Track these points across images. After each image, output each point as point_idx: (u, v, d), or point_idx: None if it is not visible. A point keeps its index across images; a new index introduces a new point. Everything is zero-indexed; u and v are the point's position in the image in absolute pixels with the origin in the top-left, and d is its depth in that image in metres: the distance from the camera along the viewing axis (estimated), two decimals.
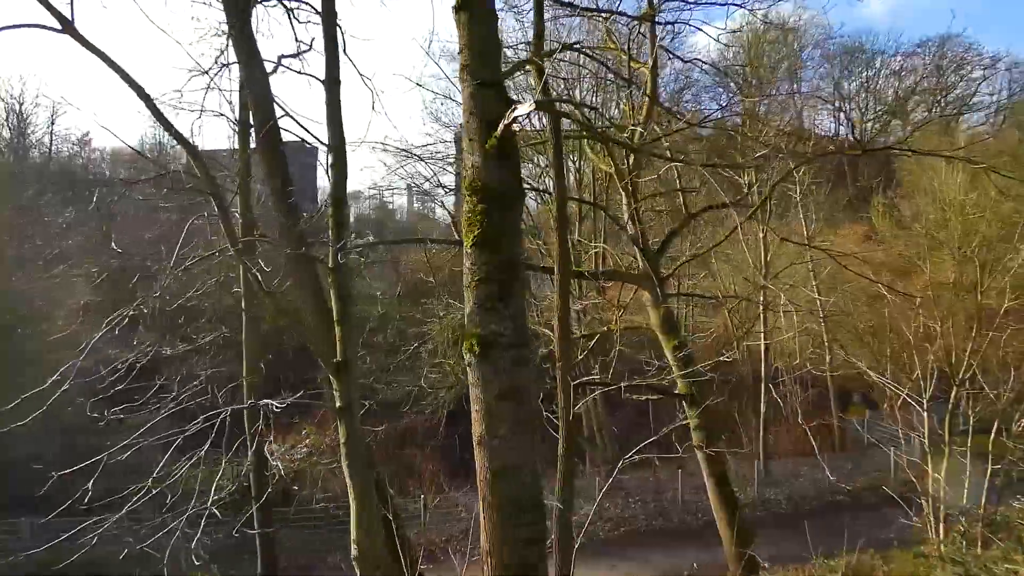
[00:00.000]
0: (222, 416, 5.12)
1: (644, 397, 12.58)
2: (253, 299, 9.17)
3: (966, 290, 26.71)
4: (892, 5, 78.62)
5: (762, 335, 19.35)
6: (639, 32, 11.23)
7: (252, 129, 8.25)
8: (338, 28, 5.58)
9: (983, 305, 20.82)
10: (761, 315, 19.22)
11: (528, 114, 3.40)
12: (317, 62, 9.34)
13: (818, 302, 21.78)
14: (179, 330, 15.04)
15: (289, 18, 7.74)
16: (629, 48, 10.20)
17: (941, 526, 9.57)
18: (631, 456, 6.28)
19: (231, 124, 7.14)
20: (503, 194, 3.53)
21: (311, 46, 6.86)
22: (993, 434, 10.35)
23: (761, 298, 18.82)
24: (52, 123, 35.10)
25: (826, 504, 17.44)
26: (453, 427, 19.01)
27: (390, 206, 43.83)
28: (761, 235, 19.39)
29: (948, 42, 55.89)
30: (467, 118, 3.68)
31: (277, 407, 4.72)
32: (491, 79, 3.58)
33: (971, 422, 10.92)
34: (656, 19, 10.50)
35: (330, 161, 5.28)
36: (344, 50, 6.31)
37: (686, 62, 11.61)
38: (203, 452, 5.77)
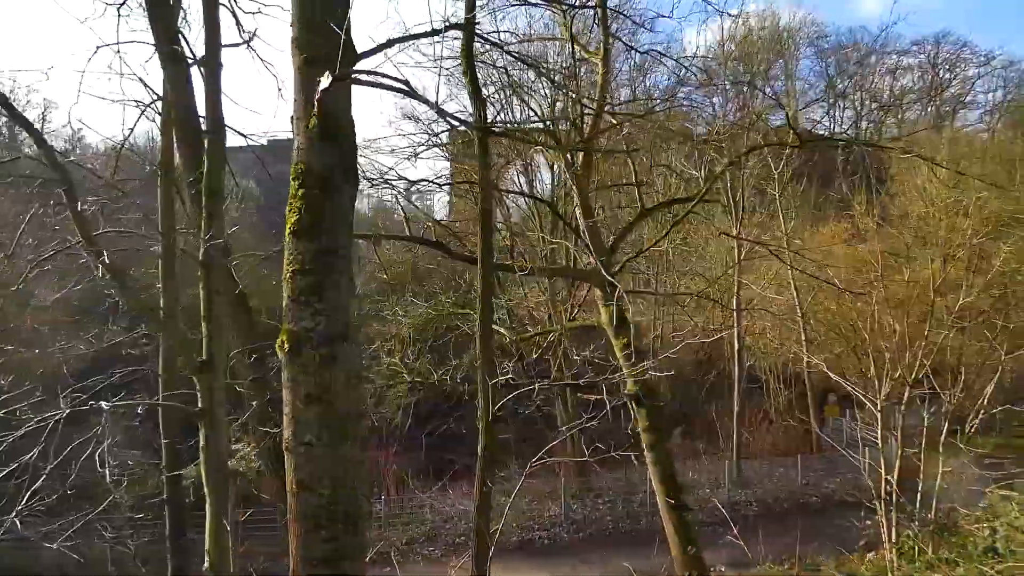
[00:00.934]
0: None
1: (598, 397, 12.22)
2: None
3: (950, 289, 26.54)
4: (888, 4, 78.22)
5: (735, 335, 19.04)
6: (595, 21, 10.94)
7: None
8: (221, 8, 5.32)
9: (948, 304, 20.61)
10: (735, 314, 18.91)
11: (331, 87, 3.09)
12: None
13: (796, 300, 21.51)
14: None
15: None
16: (571, 35, 9.87)
17: (894, 530, 9.29)
18: (537, 460, 5.99)
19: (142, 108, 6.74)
20: (327, 179, 3.26)
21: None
22: (943, 435, 10.09)
23: (735, 298, 18.54)
24: None
25: (798, 506, 17.18)
26: (420, 427, 18.76)
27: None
28: (735, 233, 19.07)
29: (943, 40, 55.68)
30: (296, 96, 3.42)
31: (105, 407, 4.46)
32: (317, 55, 3.31)
33: (944, 423, 10.62)
34: (607, 6, 10.23)
35: (206, 148, 5.02)
36: (248, 38, 6.06)
37: (642, 52, 11.31)
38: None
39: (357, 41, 3.51)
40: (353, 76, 3.18)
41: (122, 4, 6.14)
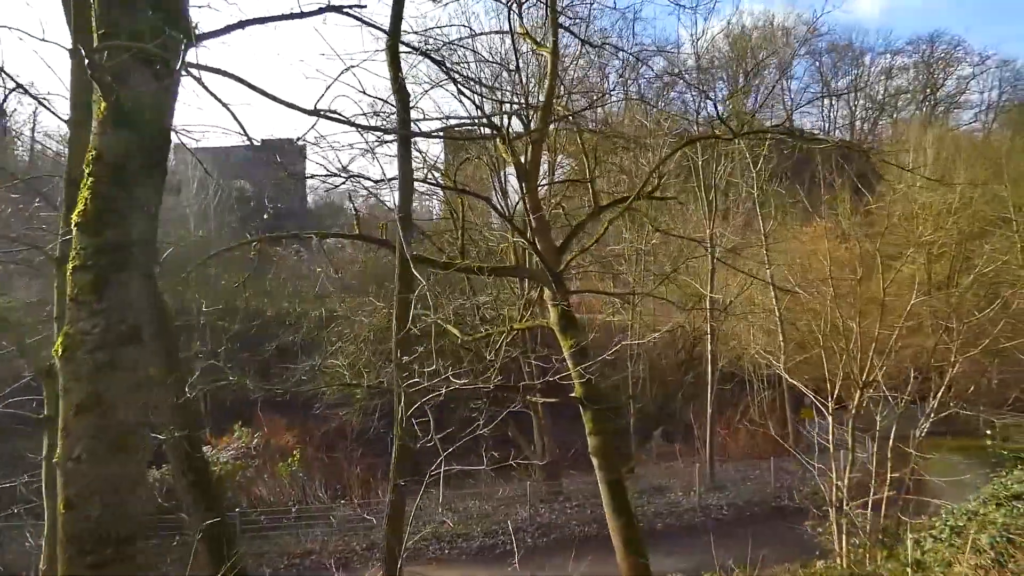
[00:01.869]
0: None
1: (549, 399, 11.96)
2: None
3: (936, 288, 26.23)
4: (884, 4, 77.97)
5: (708, 336, 18.75)
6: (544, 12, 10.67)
7: None
8: None
9: (933, 305, 20.27)
10: (708, 316, 18.62)
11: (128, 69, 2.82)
12: None
13: (774, 301, 21.22)
14: None
15: None
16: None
17: (844, 536, 9.03)
18: (435, 470, 5.71)
19: None
20: (120, 168, 2.98)
21: None
22: (891, 440, 9.82)
23: (710, 299, 18.23)
24: None
25: (770, 510, 16.88)
26: (389, 428, 18.43)
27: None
28: (709, 231, 18.78)
29: (937, 40, 55.42)
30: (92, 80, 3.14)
31: None
32: (107, 32, 3.03)
33: (893, 425, 10.35)
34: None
35: (68, 137, 4.74)
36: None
37: (594, 46, 10.99)
38: None
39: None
40: (184, 65, 2.91)
41: None
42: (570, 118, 11.05)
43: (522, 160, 10.16)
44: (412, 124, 9.32)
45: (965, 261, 25.44)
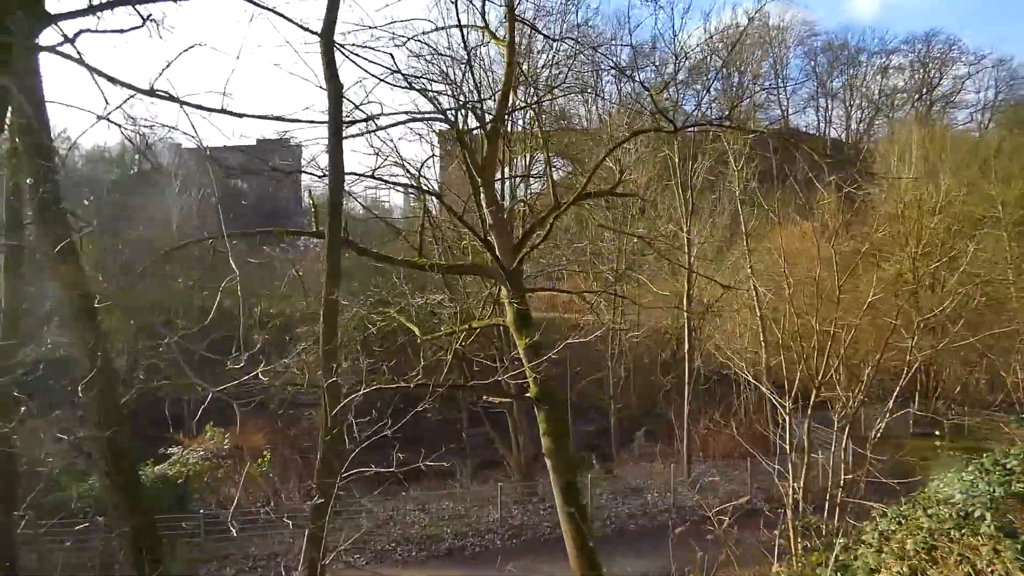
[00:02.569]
0: None
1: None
2: None
3: (920, 287, 26.03)
4: (881, 3, 77.78)
5: (686, 335, 18.56)
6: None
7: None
8: None
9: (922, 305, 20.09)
10: (685, 315, 18.44)
11: None
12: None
13: (755, 300, 21.07)
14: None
15: None
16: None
17: (799, 540, 8.83)
18: (348, 474, 5.54)
19: None
20: None
21: None
22: (844, 442, 9.63)
23: (688, 298, 18.03)
24: None
25: (746, 512, 16.61)
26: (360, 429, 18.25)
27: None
28: (685, 229, 18.59)
29: (933, 39, 55.24)
30: None
31: None
32: None
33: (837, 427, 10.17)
34: None
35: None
36: None
37: (553, 40, 10.79)
38: None
39: None
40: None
41: None
42: (532, 111, 10.86)
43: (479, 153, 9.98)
44: (369, 121, 9.20)
45: (951, 260, 25.22)
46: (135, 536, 6.91)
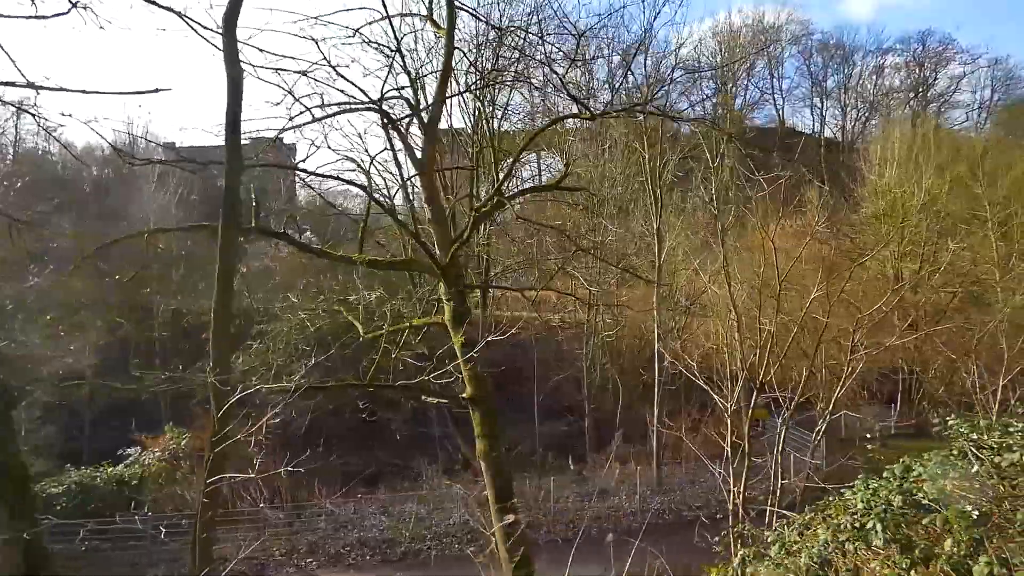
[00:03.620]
0: None
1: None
2: None
3: (903, 286, 25.60)
4: (876, 4, 77.41)
5: (655, 335, 18.15)
6: None
7: None
8: None
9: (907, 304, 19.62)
10: (655, 313, 18.05)
11: None
12: None
13: (729, 300, 20.66)
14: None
15: None
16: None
17: (739, 547, 8.45)
18: (214, 478, 5.18)
19: None
20: None
21: None
22: (779, 446, 9.26)
23: (654, 295, 17.65)
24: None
25: (711, 515, 16.27)
26: (319, 431, 17.98)
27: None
28: (655, 226, 18.22)
29: (928, 38, 54.82)
30: None
31: None
32: None
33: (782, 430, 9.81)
34: None
35: None
36: None
37: (496, 28, 10.42)
38: None
39: None
40: None
41: None
42: (478, 104, 10.48)
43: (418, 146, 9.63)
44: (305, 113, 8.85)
45: (934, 259, 24.82)
46: (25, 554, 6.56)
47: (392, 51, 9.01)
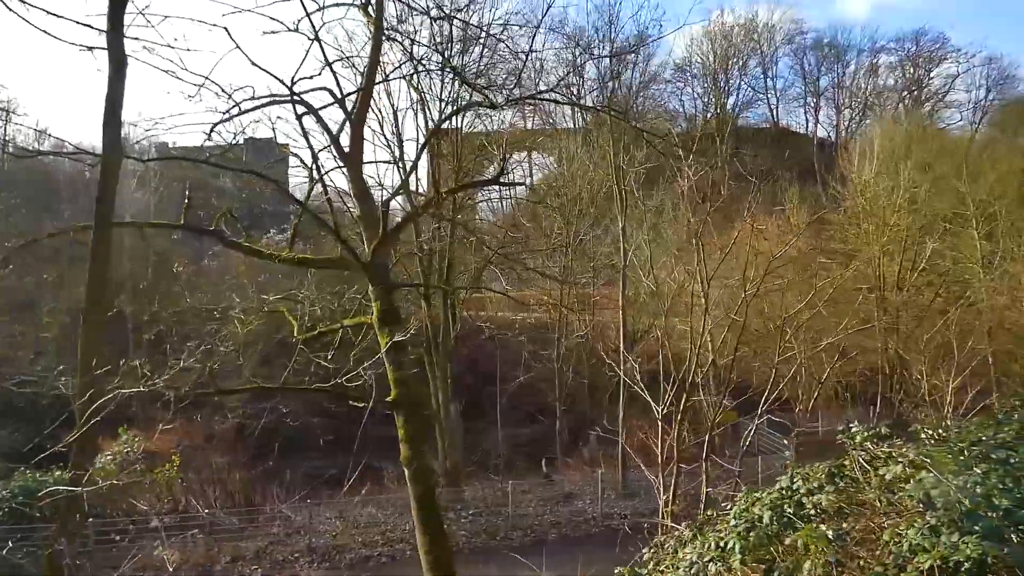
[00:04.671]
0: None
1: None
2: None
3: (884, 285, 25.20)
4: (872, 4, 77.05)
5: (620, 336, 17.75)
6: None
7: None
8: None
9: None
10: (621, 313, 17.67)
11: None
12: None
13: (702, 299, 20.30)
14: None
15: None
16: None
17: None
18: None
19: None
20: None
21: None
22: (705, 452, 8.89)
23: (621, 296, 17.26)
24: None
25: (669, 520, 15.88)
26: (271, 433, 17.63)
27: None
28: (621, 224, 17.84)
29: (922, 37, 54.43)
30: None
31: None
32: None
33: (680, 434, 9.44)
34: None
35: None
36: None
37: (423, 13, 9.94)
38: None
39: None
40: None
41: None
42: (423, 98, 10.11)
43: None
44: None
45: (916, 259, 24.39)
46: None
47: (311, 39, 8.61)
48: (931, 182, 25.51)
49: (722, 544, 4.03)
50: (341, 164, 9.43)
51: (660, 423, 9.23)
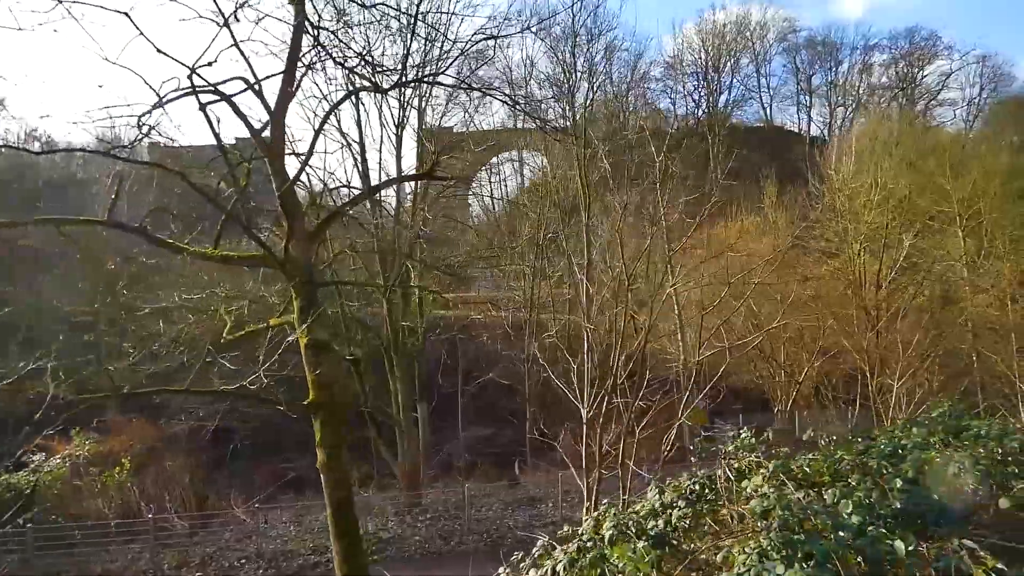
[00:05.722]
0: None
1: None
2: None
3: (862, 283, 24.78)
4: (866, 3, 76.62)
5: (584, 335, 17.30)
6: None
7: None
8: None
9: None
10: (583, 311, 17.23)
11: None
12: None
13: (674, 299, 19.97)
14: None
15: None
16: None
17: None
18: None
19: None
20: None
21: None
22: (621, 457, 8.52)
23: (583, 296, 16.84)
24: None
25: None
26: (231, 435, 17.27)
27: None
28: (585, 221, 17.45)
29: (915, 35, 54.01)
30: None
31: None
32: None
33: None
34: None
35: None
36: None
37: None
38: None
39: None
40: None
41: None
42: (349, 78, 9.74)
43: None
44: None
45: (897, 256, 23.92)
46: None
47: (220, 24, 8.23)
48: (914, 179, 25.09)
49: (556, 569, 3.66)
50: (264, 155, 9.06)
51: (584, 426, 8.80)
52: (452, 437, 22.57)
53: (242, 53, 8.44)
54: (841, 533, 3.08)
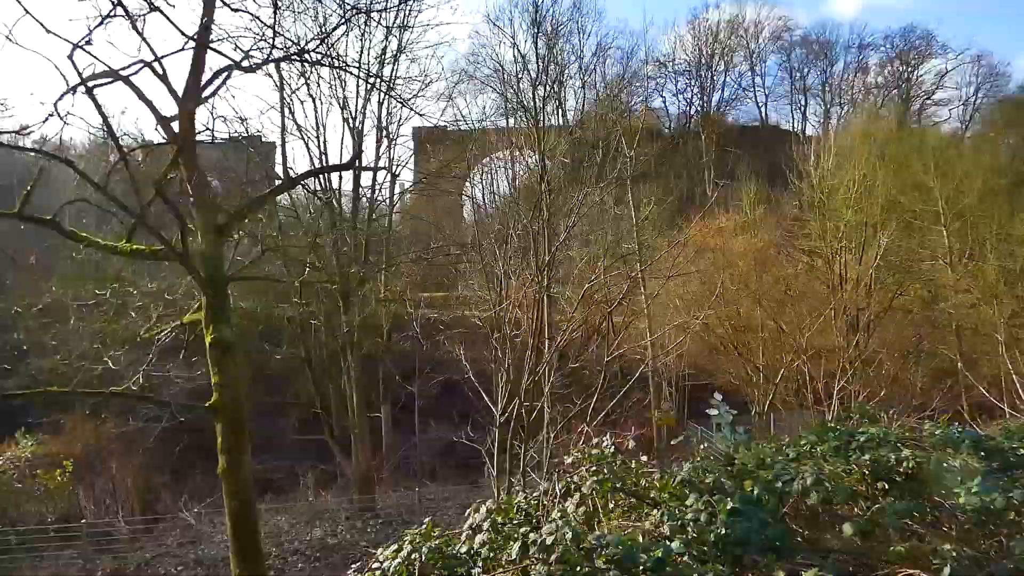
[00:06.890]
0: None
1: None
2: None
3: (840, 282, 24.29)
4: (861, 3, 76.19)
5: (544, 333, 16.84)
6: None
7: None
8: None
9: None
10: (543, 311, 16.76)
11: None
12: None
13: (643, 300, 19.51)
14: None
15: None
16: None
17: None
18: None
19: None
20: None
21: None
22: (523, 464, 8.05)
23: (543, 293, 16.36)
24: None
25: None
26: (177, 437, 16.80)
27: None
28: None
29: (910, 34, 53.54)
30: None
31: None
32: None
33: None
34: None
35: None
36: None
37: None
38: None
39: None
40: None
41: None
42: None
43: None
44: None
45: (876, 254, 23.40)
46: None
47: (115, 3, 7.74)
48: (898, 177, 24.60)
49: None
50: (170, 142, 8.56)
51: (497, 429, 8.34)
52: (423, 439, 22.12)
53: (139, 33, 7.97)
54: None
